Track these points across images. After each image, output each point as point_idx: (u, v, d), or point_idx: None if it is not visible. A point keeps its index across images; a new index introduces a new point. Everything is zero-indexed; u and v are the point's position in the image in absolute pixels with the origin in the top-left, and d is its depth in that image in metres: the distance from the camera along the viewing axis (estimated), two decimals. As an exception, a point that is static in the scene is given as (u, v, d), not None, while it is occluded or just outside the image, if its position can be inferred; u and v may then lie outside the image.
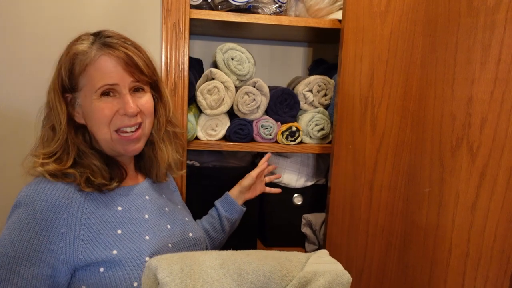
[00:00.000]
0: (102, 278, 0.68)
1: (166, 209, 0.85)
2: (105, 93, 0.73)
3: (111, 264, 0.68)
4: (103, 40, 0.74)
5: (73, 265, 0.68)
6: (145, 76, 0.76)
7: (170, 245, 0.77)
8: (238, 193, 1.07)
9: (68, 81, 0.73)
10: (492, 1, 0.74)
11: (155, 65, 0.82)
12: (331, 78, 1.30)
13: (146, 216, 0.78)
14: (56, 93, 0.74)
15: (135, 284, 0.69)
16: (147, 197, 0.82)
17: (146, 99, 0.78)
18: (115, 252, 0.69)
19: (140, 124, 0.77)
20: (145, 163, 0.88)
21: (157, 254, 0.73)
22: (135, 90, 0.77)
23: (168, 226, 0.81)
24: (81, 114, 0.76)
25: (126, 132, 0.75)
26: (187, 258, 0.56)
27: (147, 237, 0.74)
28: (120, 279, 0.68)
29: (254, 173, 1.08)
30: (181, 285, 0.52)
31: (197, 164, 1.32)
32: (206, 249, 0.98)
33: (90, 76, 0.72)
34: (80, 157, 0.75)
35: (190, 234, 0.85)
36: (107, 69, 0.72)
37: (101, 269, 0.68)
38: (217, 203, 1.05)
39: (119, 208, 0.76)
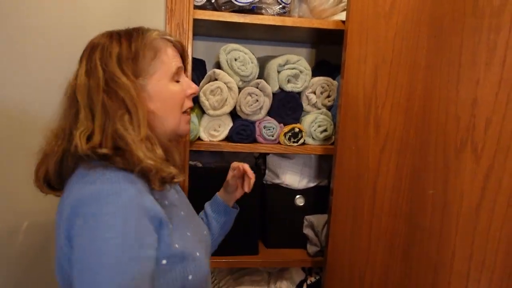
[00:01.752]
0: (163, 270, 0.66)
1: (186, 209, 0.86)
2: (176, 81, 0.78)
3: (173, 258, 0.67)
4: (155, 29, 0.79)
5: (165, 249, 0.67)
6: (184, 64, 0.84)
7: (199, 241, 0.79)
8: (225, 194, 1.02)
9: (141, 65, 0.74)
10: (497, 2, 0.74)
11: None
12: (334, 79, 1.30)
13: (182, 212, 0.79)
14: (129, 78, 0.71)
15: (190, 277, 0.68)
16: (176, 196, 0.82)
17: None
18: (176, 245, 0.68)
19: None
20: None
21: (202, 250, 0.74)
22: None
23: (193, 224, 0.83)
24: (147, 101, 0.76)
25: (187, 112, 0.81)
26: None
27: (188, 233, 0.74)
28: (179, 271, 0.68)
29: (228, 176, 1.01)
30: None
31: (200, 165, 1.32)
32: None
33: (163, 61, 0.76)
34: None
35: (205, 232, 0.87)
36: (173, 54, 0.78)
37: (163, 261, 0.66)
38: (206, 203, 1.03)
39: (166, 202, 0.75)
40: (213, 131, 1.23)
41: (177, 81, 0.79)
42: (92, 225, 0.60)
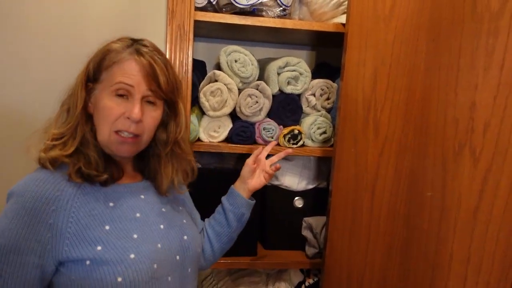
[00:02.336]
0: (88, 271, 0.70)
1: (163, 209, 0.85)
2: (119, 94, 0.76)
3: (95, 260, 0.70)
4: (138, 47, 0.79)
5: (58, 257, 0.70)
6: (161, 91, 0.78)
7: (159, 245, 0.77)
8: (240, 184, 1.02)
9: (93, 71, 0.78)
10: (496, 6, 0.75)
11: (179, 86, 0.84)
12: (334, 82, 1.30)
13: (138, 214, 0.79)
14: (80, 79, 0.78)
15: (119, 279, 0.70)
16: (142, 196, 0.83)
17: (153, 115, 0.80)
18: (99, 248, 0.71)
19: (137, 136, 0.79)
20: (149, 172, 0.88)
21: (144, 253, 0.73)
22: (148, 101, 0.79)
23: (161, 227, 0.81)
24: (93, 105, 0.80)
25: (124, 133, 0.77)
26: None
27: (135, 236, 0.75)
28: (104, 273, 0.70)
29: (249, 160, 1.03)
30: None
31: (199, 166, 1.32)
32: (202, 253, 0.97)
33: (113, 73, 0.76)
34: (82, 146, 0.77)
35: (185, 237, 0.84)
36: (130, 71, 0.76)
37: (87, 262, 0.70)
38: (223, 197, 1.03)
39: (111, 204, 0.77)
40: (213, 132, 1.24)
41: (125, 98, 0.76)
42: None
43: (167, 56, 1.11)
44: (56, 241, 0.69)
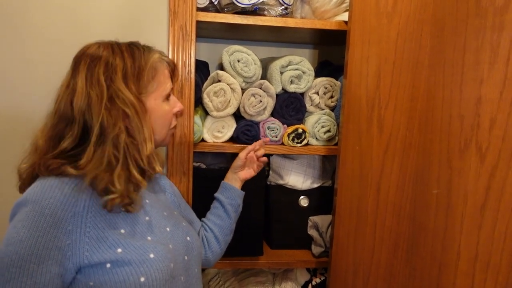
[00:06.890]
0: (110, 274, 0.69)
1: (164, 213, 0.86)
2: (167, 99, 0.84)
3: (117, 262, 0.70)
4: (153, 49, 0.83)
5: (78, 263, 0.69)
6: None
7: (170, 246, 0.79)
8: (232, 175, 1.09)
9: (143, 83, 0.78)
10: (500, 1, 0.74)
11: None
12: (337, 80, 1.30)
13: (147, 218, 0.80)
14: (134, 94, 0.76)
15: (142, 279, 0.70)
16: (147, 201, 0.84)
17: None
18: (119, 250, 0.71)
19: None
20: None
21: (161, 253, 0.74)
22: None
23: (168, 229, 0.82)
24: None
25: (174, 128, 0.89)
26: None
27: (149, 238, 0.76)
28: (127, 274, 0.70)
29: (242, 154, 1.09)
30: None
31: (203, 166, 1.32)
32: (209, 248, 1.02)
33: (160, 81, 0.82)
34: None
35: (188, 238, 0.86)
36: (167, 75, 0.85)
37: (108, 265, 0.70)
38: (217, 194, 1.09)
39: (122, 209, 0.77)
40: (217, 132, 1.24)
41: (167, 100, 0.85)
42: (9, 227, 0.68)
43: (170, 57, 1.11)
44: (76, 247, 0.68)
